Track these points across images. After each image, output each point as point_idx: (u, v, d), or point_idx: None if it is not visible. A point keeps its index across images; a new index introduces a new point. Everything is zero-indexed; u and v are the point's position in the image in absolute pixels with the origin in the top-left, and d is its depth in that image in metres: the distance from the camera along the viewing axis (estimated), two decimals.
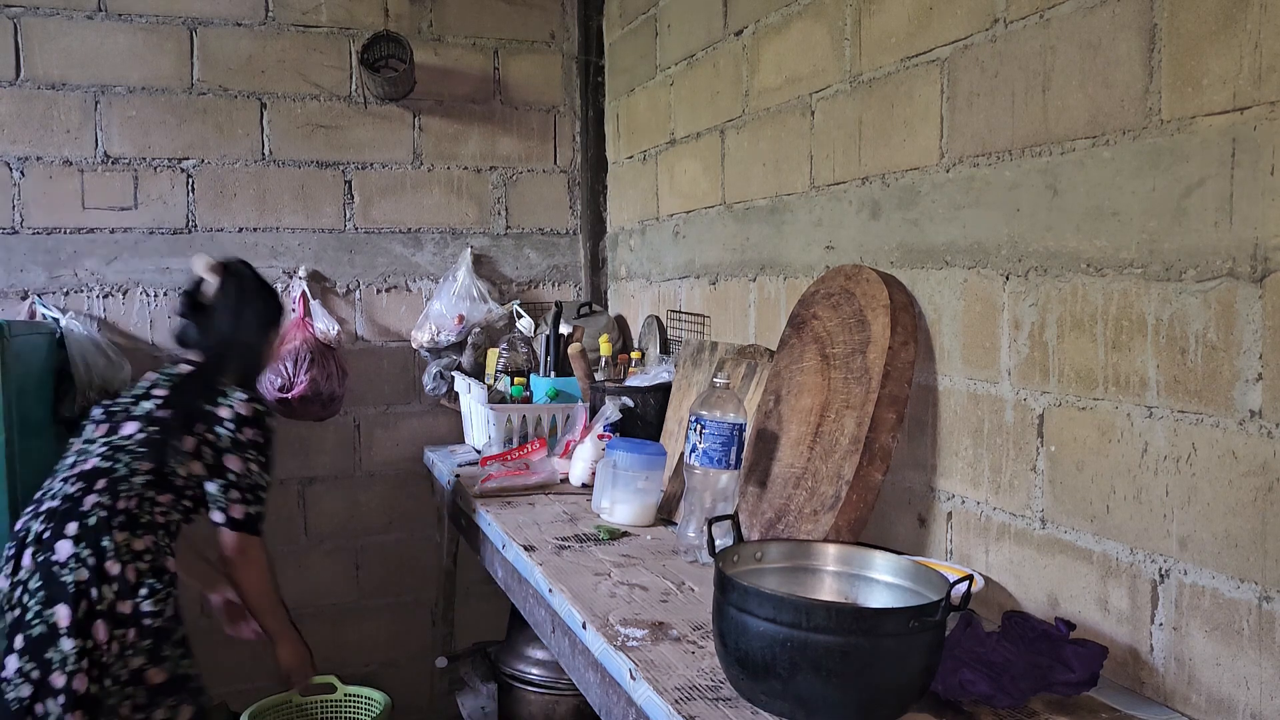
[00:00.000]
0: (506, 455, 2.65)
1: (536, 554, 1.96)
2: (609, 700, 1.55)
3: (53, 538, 1.98)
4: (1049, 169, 1.51)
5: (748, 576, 1.35)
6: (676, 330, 2.85)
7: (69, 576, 1.95)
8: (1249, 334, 1.22)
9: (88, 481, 2.04)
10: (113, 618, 1.97)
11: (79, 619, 1.93)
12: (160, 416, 2.12)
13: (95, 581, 1.96)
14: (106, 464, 2.06)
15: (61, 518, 2.00)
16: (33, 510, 2.06)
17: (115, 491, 2.03)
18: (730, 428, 1.86)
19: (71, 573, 1.95)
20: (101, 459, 2.07)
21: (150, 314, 3.09)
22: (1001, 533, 1.63)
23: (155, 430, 2.10)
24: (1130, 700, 1.35)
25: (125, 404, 2.18)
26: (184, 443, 2.10)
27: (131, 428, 2.11)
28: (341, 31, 3.22)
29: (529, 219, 3.47)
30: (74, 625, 1.92)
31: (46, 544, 1.98)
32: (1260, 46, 1.19)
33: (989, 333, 1.64)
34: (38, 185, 2.97)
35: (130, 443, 2.09)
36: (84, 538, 1.98)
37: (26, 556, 1.99)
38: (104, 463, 2.07)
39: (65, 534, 1.98)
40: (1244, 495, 1.23)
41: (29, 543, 2.00)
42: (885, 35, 1.89)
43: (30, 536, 2.01)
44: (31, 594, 1.96)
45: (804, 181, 2.18)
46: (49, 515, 2.01)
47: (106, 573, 1.97)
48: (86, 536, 1.98)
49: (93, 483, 2.04)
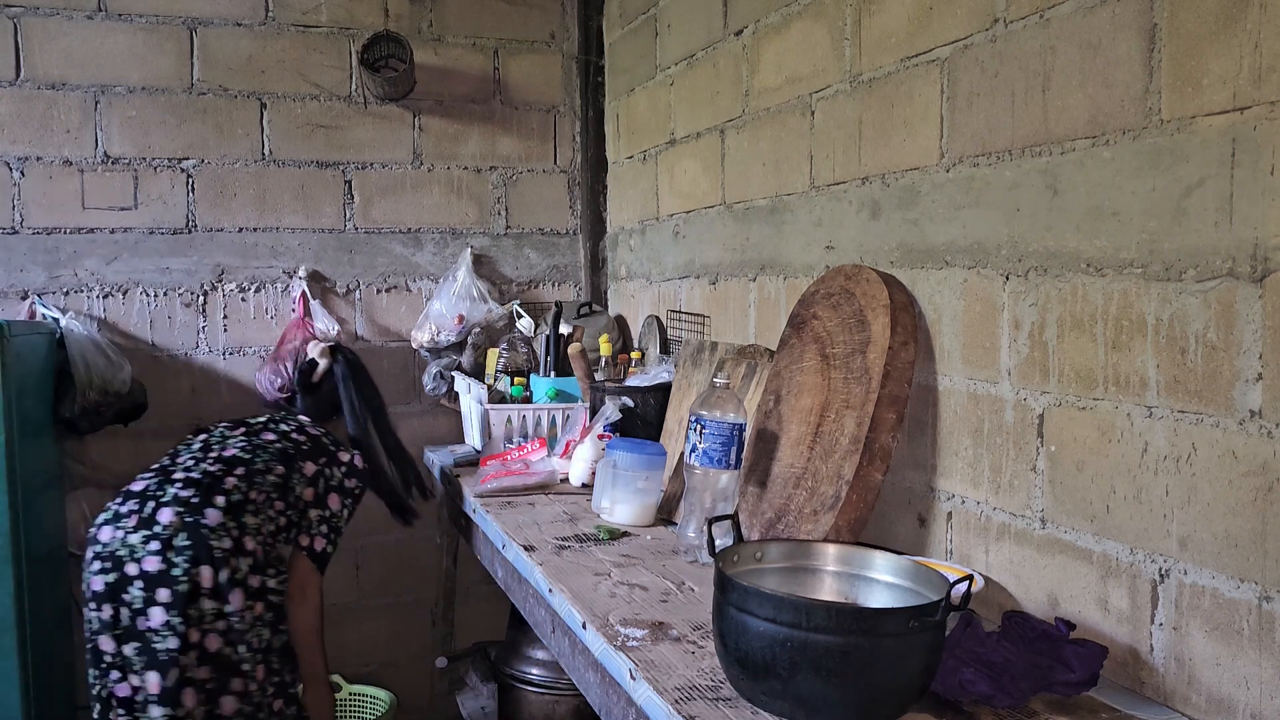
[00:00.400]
0: (506, 455, 2.65)
1: (536, 554, 1.96)
2: (609, 700, 1.55)
3: (201, 504, 2.15)
4: (1049, 169, 1.51)
5: (748, 576, 1.35)
6: (676, 330, 2.85)
7: (215, 542, 2.12)
8: (1249, 334, 1.22)
9: (228, 465, 2.26)
10: (246, 589, 2.15)
11: (219, 583, 2.11)
12: (296, 437, 2.41)
13: (235, 552, 2.15)
14: (246, 455, 2.30)
15: (207, 489, 2.19)
16: (156, 477, 2.24)
17: (251, 481, 2.25)
18: (730, 428, 1.86)
19: (218, 539, 2.13)
20: (241, 451, 2.31)
21: (150, 314, 3.09)
22: (1001, 533, 1.63)
23: (290, 445, 2.37)
24: (1130, 700, 1.35)
25: (258, 421, 2.45)
26: (306, 467, 2.35)
27: (270, 436, 2.39)
28: (341, 31, 3.22)
29: (529, 219, 3.47)
30: (214, 588, 2.11)
31: (195, 508, 2.15)
32: (1260, 46, 1.19)
33: (989, 333, 1.64)
34: (38, 185, 2.97)
35: (271, 446, 2.35)
36: (230, 511, 2.17)
37: (167, 513, 2.13)
38: (244, 454, 2.30)
39: (214, 504, 2.16)
40: (1244, 495, 1.23)
41: (167, 502, 2.15)
42: (885, 35, 1.89)
43: (168, 497, 2.16)
44: (178, 551, 2.10)
45: (804, 181, 2.18)
46: (190, 484, 2.19)
47: (244, 547, 2.17)
48: (231, 511, 2.18)
49: (232, 468, 2.26)
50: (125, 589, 2.09)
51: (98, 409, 2.77)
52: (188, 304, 3.12)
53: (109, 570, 2.11)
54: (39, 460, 2.65)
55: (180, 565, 2.09)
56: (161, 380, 3.07)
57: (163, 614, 2.07)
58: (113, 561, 2.12)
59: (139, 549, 2.11)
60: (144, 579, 2.09)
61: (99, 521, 2.20)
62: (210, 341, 3.15)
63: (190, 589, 2.08)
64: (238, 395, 3.15)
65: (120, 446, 3.02)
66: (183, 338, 3.12)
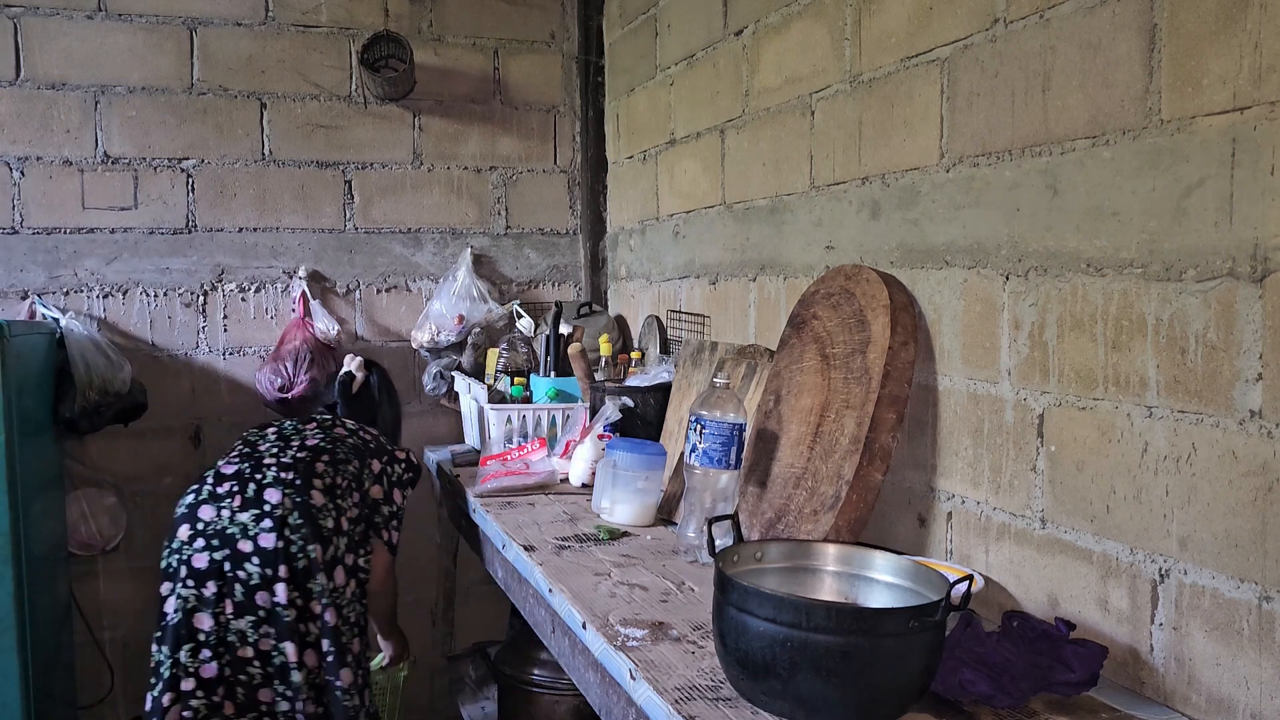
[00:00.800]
0: (506, 455, 2.65)
1: (536, 554, 1.96)
2: (609, 700, 1.55)
3: (304, 486, 2.26)
4: (1049, 169, 1.51)
5: (748, 576, 1.35)
6: (676, 330, 2.85)
7: (322, 521, 2.24)
8: (1249, 334, 1.22)
9: (313, 454, 2.35)
10: (344, 567, 2.27)
11: (326, 559, 2.22)
12: (363, 435, 2.52)
13: (335, 532, 2.26)
14: (327, 445, 2.40)
15: (304, 471, 2.29)
16: (245, 462, 2.31)
17: (336, 468, 2.36)
18: (730, 428, 1.86)
19: (323, 519, 2.24)
20: (321, 441, 2.40)
21: (150, 314, 3.09)
22: (1001, 533, 1.63)
23: (359, 442, 2.48)
24: (1130, 700, 1.35)
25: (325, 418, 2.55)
26: (373, 464, 2.46)
27: (342, 431, 2.49)
28: (341, 31, 3.22)
29: (529, 219, 3.47)
30: (325, 563, 2.22)
31: (300, 489, 2.25)
32: (1260, 46, 1.19)
33: (989, 333, 1.64)
34: (38, 185, 2.97)
35: (345, 440, 2.45)
36: (327, 493, 2.29)
37: (274, 493, 2.23)
38: (324, 444, 2.40)
39: (314, 486, 2.27)
40: (1244, 495, 1.23)
41: (269, 483, 2.24)
42: (885, 35, 1.89)
43: (269, 479, 2.25)
44: (293, 529, 2.20)
45: (804, 181, 2.18)
46: (284, 467, 2.28)
47: (341, 527, 2.28)
48: (328, 493, 2.29)
49: (318, 455, 2.35)
50: (240, 565, 2.17)
51: (98, 409, 2.77)
52: (188, 304, 3.12)
53: (217, 547, 2.18)
54: (39, 460, 2.65)
55: (297, 542, 2.19)
56: (161, 380, 3.07)
57: (285, 589, 2.16)
58: (221, 539, 2.18)
59: (251, 526, 2.19)
60: (260, 555, 2.17)
61: (190, 502, 2.26)
62: (210, 341, 3.15)
63: (307, 565, 2.19)
64: (238, 395, 3.15)
65: (120, 446, 3.02)
66: (183, 338, 3.12)
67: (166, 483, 3.09)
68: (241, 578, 2.17)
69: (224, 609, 2.17)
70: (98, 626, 3.01)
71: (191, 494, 2.28)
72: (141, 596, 3.08)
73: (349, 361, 2.80)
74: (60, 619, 2.83)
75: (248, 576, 2.17)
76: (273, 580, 2.17)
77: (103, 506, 2.95)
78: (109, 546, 2.96)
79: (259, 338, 3.19)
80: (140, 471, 3.06)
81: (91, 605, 3.01)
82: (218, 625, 2.17)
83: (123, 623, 3.07)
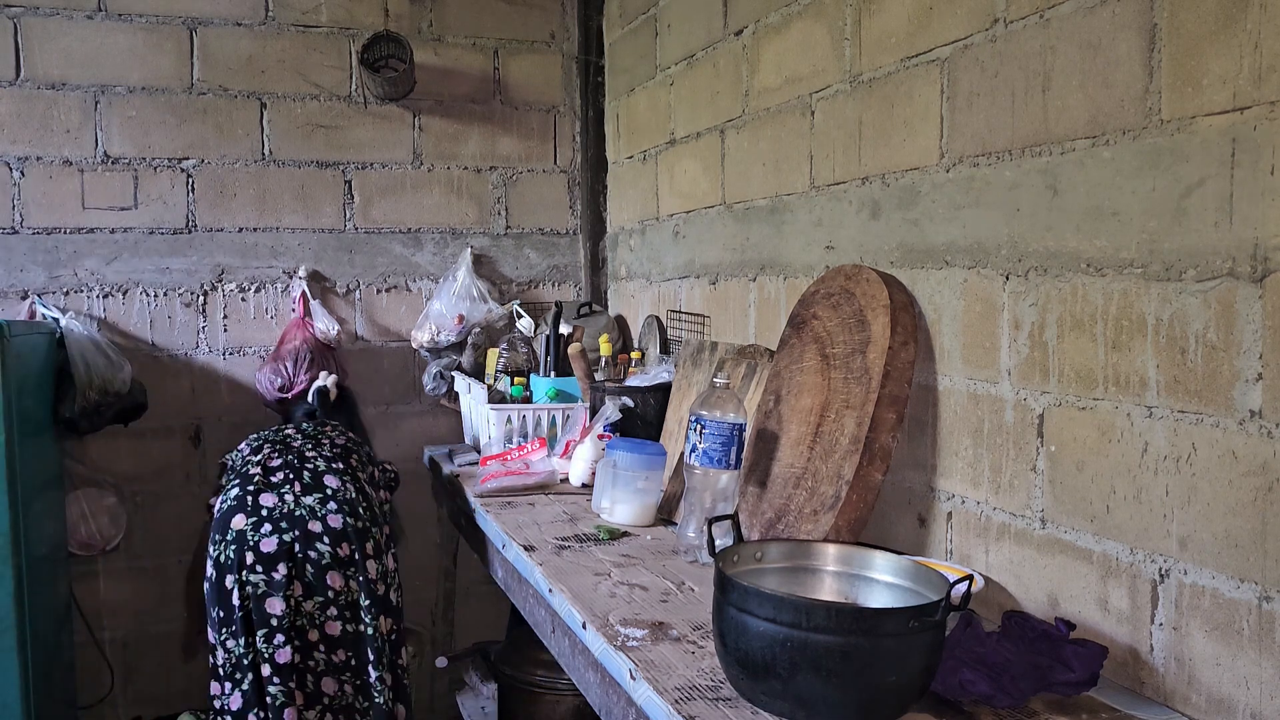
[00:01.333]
0: (506, 455, 2.65)
1: (536, 554, 1.96)
2: (609, 700, 1.55)
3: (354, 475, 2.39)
4: (1049, 169, 1.51)
5: (748, 576, 1.35)
6: (676, 330, 2.85)
7: (376, 507, 2.38)
8: (1249, 334, 1.22)
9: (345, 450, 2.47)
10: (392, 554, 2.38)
11: (384, 543, 2.35)
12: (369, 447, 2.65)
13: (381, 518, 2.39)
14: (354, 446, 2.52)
15: (347, 463, 2.41)
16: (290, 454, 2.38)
17: (363, 466, 2.47)
18: (730, 428, 1.86)
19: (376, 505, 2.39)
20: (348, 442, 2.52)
21: (150, 314, 3.09)
22: (1001, 533, 1.63)
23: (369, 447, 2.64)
24: (1130, 700, 1.35)
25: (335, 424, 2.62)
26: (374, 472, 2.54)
27: (356, 437, 2.60)
28: (341, 31, 3.22)
29: (529, 219, 3.47)
30: (386, 546, 2.35)
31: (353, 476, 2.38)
32: (1260, 46, 1.19)
33: (989, 333, 1.64)
34: (38, 185, 2.97)
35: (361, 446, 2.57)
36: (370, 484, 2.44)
37: (333, 480, 2.33)
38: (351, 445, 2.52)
39: (360, 477, 2.41)
40: (1244, 495, 1.23)
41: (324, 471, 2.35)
42: (885, 35, 1.89)
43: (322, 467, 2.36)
44: (357, 515, 2.29)
45: (804, 181, 2.18)
46: (329, 459, 2.39)
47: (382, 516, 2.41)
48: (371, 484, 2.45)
49: (350, 453, 2.47)
50: (310, 547, 2.22)
51: (98, 409, 2.77)
52: (188, 304, 3.12)
53: (286, 530, 2.22)
54: (39, 460, 2.65)
55: (363, 523, 2.29)
56: (161, 380, 3.07)
57: (375, 564, 2.27)
58: (290, 521, 2.23)
59: (319, 508, 2.26)
60: (330, 535, 2.24)
61: (237, 495, 2.28)
62: (210, 341, 3.15)
63: (376, 545, 2.30)
64: (238, 395, 3.15)
65: (120, 446, 3.02)
66: (183, 338, 3.12)
67: (167, 483, 3.10)
68: (313, 558, 2.22)
69: (294, 591, 2.20)
70: (98, 626, 3.01)
71: (237, 487, 2.30)
72: (141, 596, 3.08)
73: (323, 377, 2.86)
74: (60, 619, 2.83)
75: (319, 556, 2.22)
76: (347, 561, 2.24)
77: (103, 506, 2.95)
78: (109, 546, 2.96)
79: (259, 338, 3.19)
80: (140, 471, 3.06)
81: (91, 605, 3.01)
82: (289, 608, 2.20)
83: (123, 623, 3.07)
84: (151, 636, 3.09)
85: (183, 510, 3.10)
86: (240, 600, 2.18)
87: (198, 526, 3.10)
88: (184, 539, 3.07)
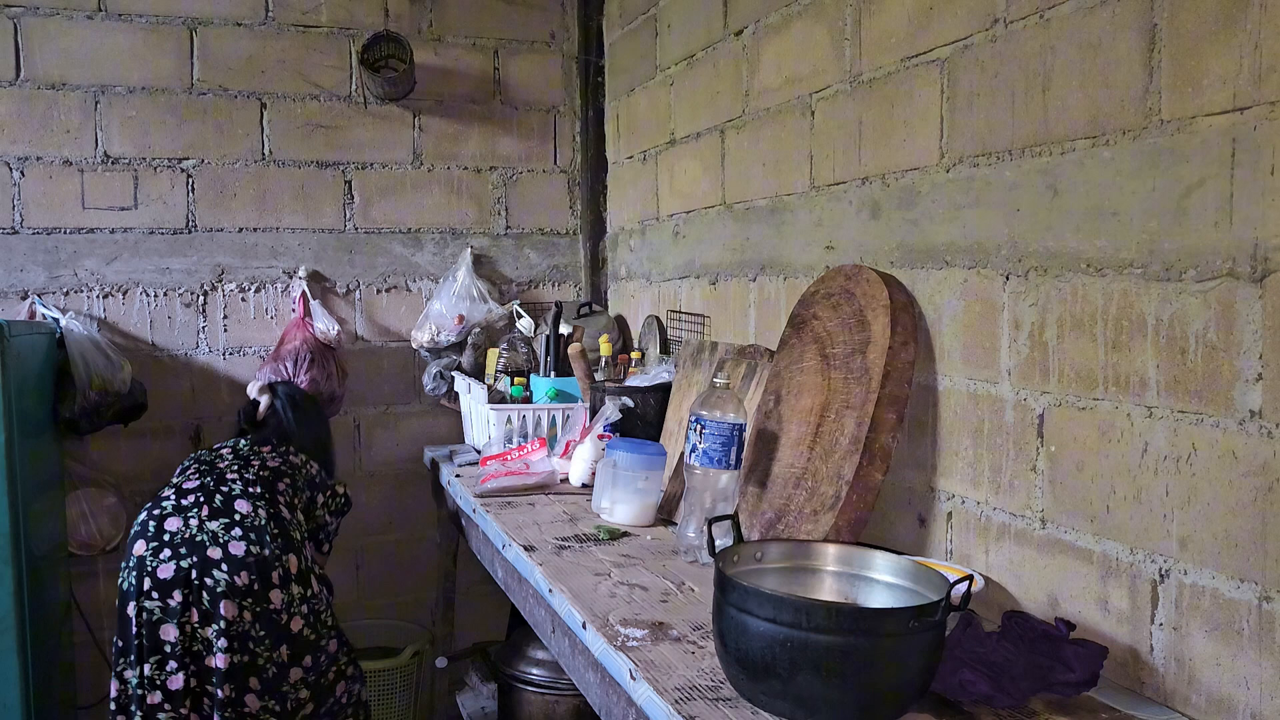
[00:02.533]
0: (506, 455, 2.65)
1: (536, 554, 1.96)
2: (609, 700, 1.55)
3: (272, 500, 2.35)
4: (1049, 169, 1.51)
5: (748, 576, 1.35)
6: (676, 330, 2.85)
7: (294, 532, 2.34)
8: (1249, 334, 1.22)
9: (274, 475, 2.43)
10: (315, 576, 2.35)
11: (302, 569, 2.31)
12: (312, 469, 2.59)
13: (302, 543, 2.36)
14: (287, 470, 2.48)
15: (269, 487, 2.38)
16: (207, 476, 2.37)
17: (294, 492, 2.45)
18: (730, 428, 1.86)
19: (294, 530, 2.35)
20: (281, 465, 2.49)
21: (150, 314, 3.09)
22: (1001, 533, 1.63)
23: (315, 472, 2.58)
24: (1130, 700, 1.35)
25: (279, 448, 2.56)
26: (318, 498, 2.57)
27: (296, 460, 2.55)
28: (341, 31, 3.22)
29: (529, 219, 3.47)
30: (300, 574, 2.30)
31: (270, 500, 2.34)
32: (1260, 46, 1.19)
33: (989, 333, 1.64)
34: (38, 185, 2.97)
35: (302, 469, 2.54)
36: (290, 510, 2.39)
37: (244, 504, 2.30)
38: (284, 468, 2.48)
39: (280, 501, 2.37)
40: (1244, 495, 1.23)
41: (238, 495, 2.31)
42: (885, 35, 1.89)
43: (237, 491, 2.32)
44: (266, 539, 2.26)
45: (804, 181, 2.18)
46: (249, 482, 2.36)
47: (303, 541, 2.37)
48: (291, 509, 2.39)
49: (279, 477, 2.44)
50: (207, 573, 2.18)
51: (98, 409, 2.77)
52: (188, 304, 3.12)
53: (185, 555, 2.18)
54: (39, 460, 2.65)
55: (271, 550, 2.24)
56: (161, 380, 3.07)
57: (279, 594, 2.23)
58: (189, 546, 2.19)
59: (221, 534, 2.22)
60: (229, 562, 2.20)
61: (155, 515, 2.26)
62: (210, 341, 3.15)
63: (284, 573, 2.25)
64: (238, 395, 3.15)
65: (120, 446, 3.02)
66: (183, 338, 3.12)
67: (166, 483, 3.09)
68: (209, 585, 2.18)
69: (189, 618, 2.17)
70: (98, 626, 3.01)
71: (146, 511, 2.28)
72: None
73: (251, 388, 2.79)
74: (60, 619, 2.83)
75: (214, 584, 2.18)
76: (244, 590, 2.18)
77: (103, 506, 2.95)
78: (109, 546, 2.96)
79: (259, 338, 3.19)
80: (140, 471, 3.06)
81: (91, 605, 3.01)
82: (183, 635, 2.16)
83: None
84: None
85: None
86: (137, 628, 2.16)
87: None
88: None
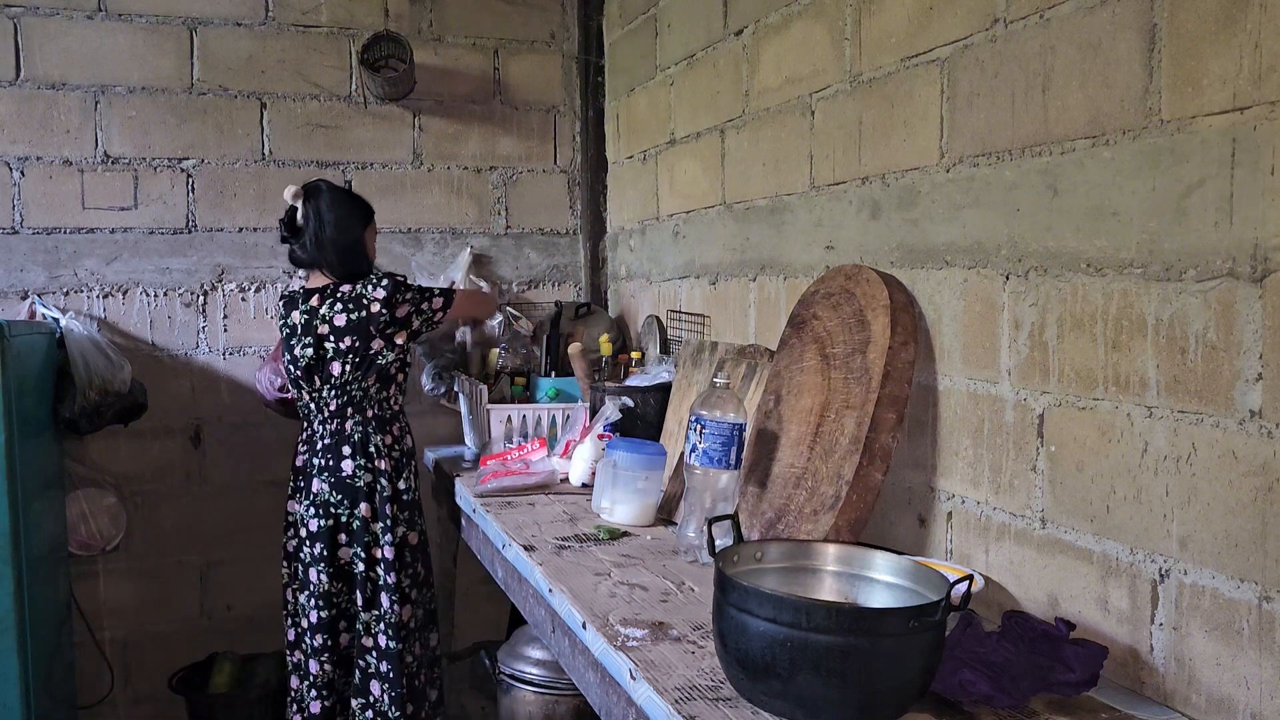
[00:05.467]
0: (506, 455, 2.65)
1: (536, 554, 1.96)
2: (609, 700, 1.55)
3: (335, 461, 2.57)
4: (1049, 169, 1.51)
5: (748, 576, 1.35)
6: (676, 330, 2.85)
7: (359, 483, 2.56)
8: (1249, 334, 1.22)
9: (340, 418, 2.59)
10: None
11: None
12: (349, 344, 2.57)
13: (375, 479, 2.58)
14: (342, 398, 2.59)
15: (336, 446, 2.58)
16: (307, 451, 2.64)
17: (363, 409, 2.59)
18: (730, 428, 1.86)
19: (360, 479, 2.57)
20: (337, 399, 2.59)
21: (150, 314, 3.09)
22: (1001, 533, 1.63)
23: (354, 357, 2.57)
24: (1130, 700, 1.35)
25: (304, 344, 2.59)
26: (375, 345, 2.57)
27: (336, 368, 2.58)
28: (341, 31, 3.22)
29: (529, 219, 3.47)
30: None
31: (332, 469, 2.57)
32: (1260, 46, 1.19)
33: (989, 333, 1.64)
34: (38, 185, 2.97)
35: (344, 376, 2.57)
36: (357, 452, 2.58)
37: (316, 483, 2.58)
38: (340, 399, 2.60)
39: (344, 455, 2.58)
40: (1244, 495, 1.23)
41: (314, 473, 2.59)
42: (885, 35, 1.89)
43: (314, 468, 2.59)
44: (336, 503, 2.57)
45: (804, 181, 2.18)
46: (322, 451, 2.59)
47: (379, 469, 2.58)
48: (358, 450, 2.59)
49: (345, 413, 2.59)
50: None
51: (98, 409, 2.77)
52: (188, 304, 3.12)
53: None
54: (39, 460, 2.65)
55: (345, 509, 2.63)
56: (161, 380, 3.07)
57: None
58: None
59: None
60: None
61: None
62: (210, 341, 3.15)
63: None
64: (238, 395, 3.15)
65: (120, 446, 3.02)
66: (183, 338, 3.12)
67: (167, 483, 3.10)
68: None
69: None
70: (98, 626, 3.01)
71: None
72: (141, 596, 3.08)
73: (286, 193, 2.60)
74: (60, 619, 2.83)
75: None
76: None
77: (103, 506, 2.95)
78: (109, 546, 2.96)
79: (259, 338, 3.19)
80: (140, 471, 3.06)
81: (91, 605, 3.01)
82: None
83: (123, 623, 3.07)
84: (151, 636, 3.09)
85: (183, 510, 3.11)
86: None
87: (198, 527, 3.11)
88: (184, 539, 3.07)
